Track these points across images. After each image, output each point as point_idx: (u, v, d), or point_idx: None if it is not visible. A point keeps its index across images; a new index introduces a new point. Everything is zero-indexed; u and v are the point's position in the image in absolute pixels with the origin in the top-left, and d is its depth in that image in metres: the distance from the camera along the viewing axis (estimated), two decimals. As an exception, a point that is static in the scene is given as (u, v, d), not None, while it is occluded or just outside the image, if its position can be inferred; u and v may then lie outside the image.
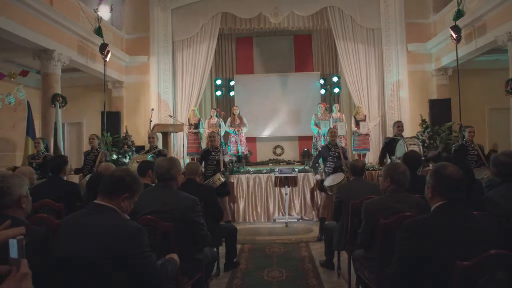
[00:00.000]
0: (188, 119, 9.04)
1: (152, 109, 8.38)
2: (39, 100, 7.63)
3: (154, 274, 1.85)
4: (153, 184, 3.23)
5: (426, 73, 9.14)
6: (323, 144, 7.37)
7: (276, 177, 6.86)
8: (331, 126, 7.53)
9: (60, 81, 7.08)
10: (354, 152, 8.85)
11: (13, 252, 1.03)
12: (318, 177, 6.00)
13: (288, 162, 9.59)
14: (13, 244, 1.04)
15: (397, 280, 1.86)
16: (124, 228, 1.77)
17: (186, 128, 8.83)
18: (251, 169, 7.61)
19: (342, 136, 8.41)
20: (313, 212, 6.95)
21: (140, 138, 8.64)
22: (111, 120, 8.43)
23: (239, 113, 9.30)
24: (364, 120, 8.74)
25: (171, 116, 8.80)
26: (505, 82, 6.35)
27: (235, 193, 6.99)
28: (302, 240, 5.57)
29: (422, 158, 5.61)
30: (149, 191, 2.71)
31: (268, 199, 7.04)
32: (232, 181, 7.00)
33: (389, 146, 5.85)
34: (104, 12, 8.64)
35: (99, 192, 1.88)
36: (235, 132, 9.19)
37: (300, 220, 6.86)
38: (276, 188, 7.03)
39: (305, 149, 9.51)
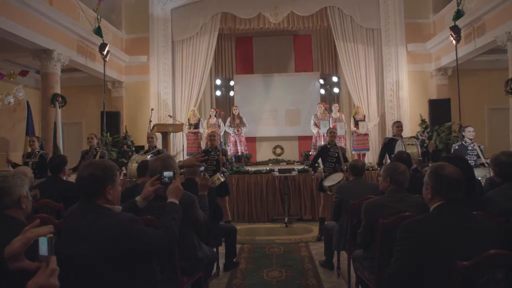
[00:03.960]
0: (188, 119, 9.05)
1: (152, 109, 8.38)
2: (39, 100, 7.63)
3: (161, 244, 1.89)
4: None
5: (426, 73, 9.15)
6: (322, 144, 7.38)
7: (276, 177, 6.86)
8: (331, 126, 7.53)
9: (60, 81, 7.07)
10: (353, 152, 8.86)
11: (43, 250, 1.09)
12: (318, 175, 6.01)
13: (288, 162, 9.59)
14: (43, 242, 1.10)
15: (396, 280, 1.87)
16: (117, 225, 1.75)
17: (186, 128, 8.83)
18: (251, 169, 7.61)
19: (342, 136, 8.41)
20: (313, 212, 6.94)
21: (139, 138, 8.64)
22: (111, 120, 8.43)
23: (238, 113, 9.31)
24: (363, 120, 8.75)
25: (170, 116, 8.80)
26: (504, 82, 6.35)
27: (235, 193, 6.99)
28: (302, 240, 5.58)
29: (420, 158, 5.64)
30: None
31: (268, 199, 7.04)
32: (232, 181, 7.00)
33: (388, 146, 5.86)
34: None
35: (82, 196, 1.83)
36: (235, 132, 9.19)
37: (300, 220, 6.86)
38: (276, 188, 7.03)
39: (303, 153, 9.47)
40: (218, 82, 11.00)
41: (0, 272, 1.24)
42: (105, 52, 7.68)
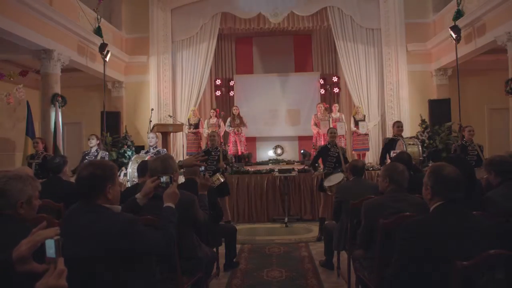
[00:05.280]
0: (188, 119, 9.05)
1: (152, 109, 8.38)
2: (39, 100, 7.62)
3: (159, 247, 1.90)
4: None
5: (426, 73, 9.15)
6: (322, 144, 7.38)
7: (276, 177, 6.86)
8: (331, 126, 7.53)
9: (60, 81, 7.07)
10: (353, 152, 8.86)
11: (50, 252, 1.10)
12: (317, 174, 6.00)
13: (288, 162, 9.59)
14: (50, 244, 1.10)
15: (397, 280, 1.87)
16: (117, 225, 1.75)
17: (186, 128, 8.83)
18: (251, 169, 7.61)
19: (342, 136, 8.41)
20: (313, 212, 6.94)
21: (139, 138, 8.64)
22: (111, 120, 8.43)
23: (239, 113, 9.31)
24: (363, 120, 8.75)
25: (170, 116, 8.81)
26: (504, 82, 6.35)
27: (235, 193, 6.99)
28: (302, 240, 5.57)
29: (421, 158, 5.64)
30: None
31: (268, 199, 7.04)
32: (232, 181, 7.00)
33: (388, 146, 5.85)
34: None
35: (82, 196, 1.82)
36: (235, 132, 9.19)
37: (300, 220, 6.86)
38: (276, 188, 7.03)
39: (303, 150, 9.48)
40: (218, 82, 11.01)
41: (8, 275, 1.24)
42: (105, 52, 7.68)
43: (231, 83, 11.09)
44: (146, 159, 5.30)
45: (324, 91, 10.89)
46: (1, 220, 1.72)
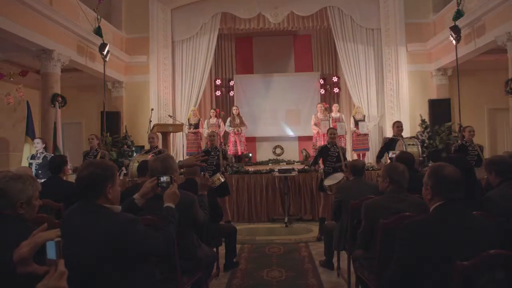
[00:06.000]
0: (188, 119, 9.05)
1: (152, 109, 8.37)
2: (39, 100, 7.62)
3: (160, 248, 1.89)
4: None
5: (426, 73, 9.14)
6: (322, 144, 7.38)
7: (276, 177, 6.87)
8: (331, 126, 7.53)
9: (60, 81, 7.07)
10: (353, 152, 8.86)
11: (51, 254, 1.11)
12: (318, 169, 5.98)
13: (288, 162, 9.59)
14: (50, 246, 1.12)
15: (396, 280, 1.87)
16: (118, 225, 1.75)
17: (186, 128, 8.83)
18: (251, 169, 7.61)
19: (342, 136, 8.41)
20: (313, 212, 6.94)
21: (139, 138, 8.64)
22: (111, 120, 8.43)
23: (239, 113, 9.31)
24: (363, 120, 8.75)
25: (170, 116, 8.80)
26: (504, 82, 6.35)
27: (235, 193, 6.98)
28: (302, 240, 5.58)
29: (420, 158, 5.63)
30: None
31: (268, 199, 7.04)
32: (232, 181, 7.00)
33: (388, 146, 5.85)
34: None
35: (82, 195, 1.82)
36: (235, 132, 9.19)
37: (300, 220, 6.86)
38: (276, 188, 7.03)
39: (303, 150, 9.47)
40: (218, 82, 11.01)
41: (9, 276, 1.25)
42: (105, 52, 7.67)
43: (231, 83, 11.09)
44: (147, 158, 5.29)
45: (324, 91, 10.89)
46: (1, 220, 1.72)
